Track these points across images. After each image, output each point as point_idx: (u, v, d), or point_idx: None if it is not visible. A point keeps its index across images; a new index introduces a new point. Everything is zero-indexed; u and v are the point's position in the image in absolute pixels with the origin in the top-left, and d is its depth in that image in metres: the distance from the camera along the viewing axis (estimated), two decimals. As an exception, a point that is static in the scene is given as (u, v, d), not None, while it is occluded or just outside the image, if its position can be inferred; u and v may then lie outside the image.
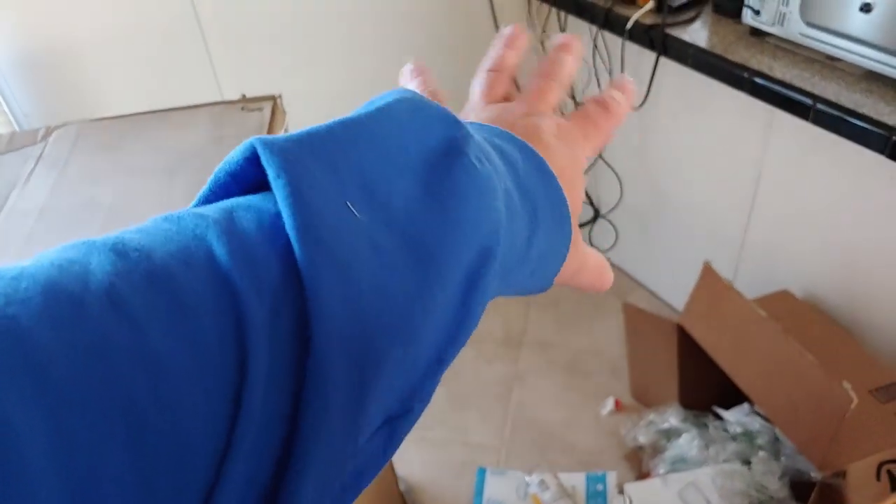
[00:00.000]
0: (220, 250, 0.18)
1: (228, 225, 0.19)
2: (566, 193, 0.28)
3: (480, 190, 0.23)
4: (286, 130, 0.73)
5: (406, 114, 0.24)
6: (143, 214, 0.74)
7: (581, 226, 2.09)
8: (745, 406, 1.31)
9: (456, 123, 0.24)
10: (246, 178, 0.22)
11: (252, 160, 0.21)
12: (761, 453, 1.11)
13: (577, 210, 0.30)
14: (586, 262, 0.32)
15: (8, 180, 0.69)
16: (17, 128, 1.18)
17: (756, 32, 1.23)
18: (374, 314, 0.20)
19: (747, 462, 1.13)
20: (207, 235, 0.19)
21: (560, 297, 1.86)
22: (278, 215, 0.19)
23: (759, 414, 1.28)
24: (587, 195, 1.85)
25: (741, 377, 1.12)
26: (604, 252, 1.92)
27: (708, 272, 1.20)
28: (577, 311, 1.81)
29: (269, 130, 0.70)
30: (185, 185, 0.65)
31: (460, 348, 0.24)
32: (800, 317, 1.22)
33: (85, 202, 0.64)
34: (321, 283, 0.18)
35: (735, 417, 1.30)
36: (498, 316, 1.81)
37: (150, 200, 0.63)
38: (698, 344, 1.24)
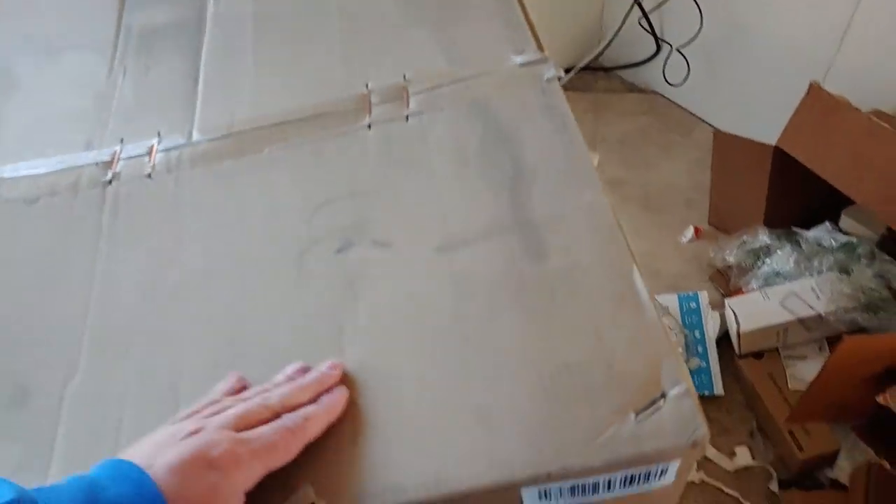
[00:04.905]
0: None
1: None
2: None
3: None
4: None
5: None
6: (387, 18, 0.69)
7: (646, 61, 1.99)
8: (826, 224, 1.36)
9: None
10: None
11: None
12: (864, 261, 1.17)
13: None
14: None
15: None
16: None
17: None
18: None
19: (846, 272, 1.20)
20: None
21: (624, 138, 1.87)
22: None
23: (840, 230, 1.34)
24: (651, 28, 1.80)
25: (861, 193, 1.14)
26: (673, 88, 1.90)
27: (815, 90, 1.20)
28: (643, 150, 1.83)
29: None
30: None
31: None
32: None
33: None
34: None
35: (817, 236, 1.35)
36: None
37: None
38: (787, 169, 1.27)
